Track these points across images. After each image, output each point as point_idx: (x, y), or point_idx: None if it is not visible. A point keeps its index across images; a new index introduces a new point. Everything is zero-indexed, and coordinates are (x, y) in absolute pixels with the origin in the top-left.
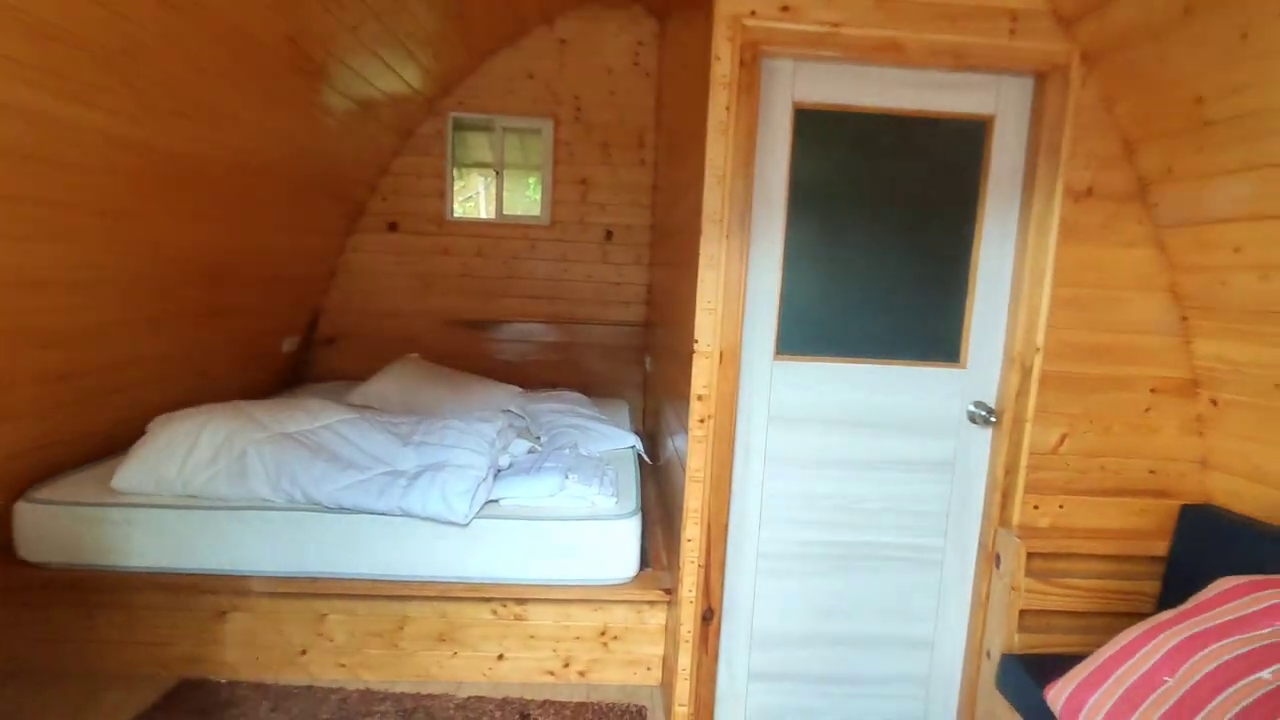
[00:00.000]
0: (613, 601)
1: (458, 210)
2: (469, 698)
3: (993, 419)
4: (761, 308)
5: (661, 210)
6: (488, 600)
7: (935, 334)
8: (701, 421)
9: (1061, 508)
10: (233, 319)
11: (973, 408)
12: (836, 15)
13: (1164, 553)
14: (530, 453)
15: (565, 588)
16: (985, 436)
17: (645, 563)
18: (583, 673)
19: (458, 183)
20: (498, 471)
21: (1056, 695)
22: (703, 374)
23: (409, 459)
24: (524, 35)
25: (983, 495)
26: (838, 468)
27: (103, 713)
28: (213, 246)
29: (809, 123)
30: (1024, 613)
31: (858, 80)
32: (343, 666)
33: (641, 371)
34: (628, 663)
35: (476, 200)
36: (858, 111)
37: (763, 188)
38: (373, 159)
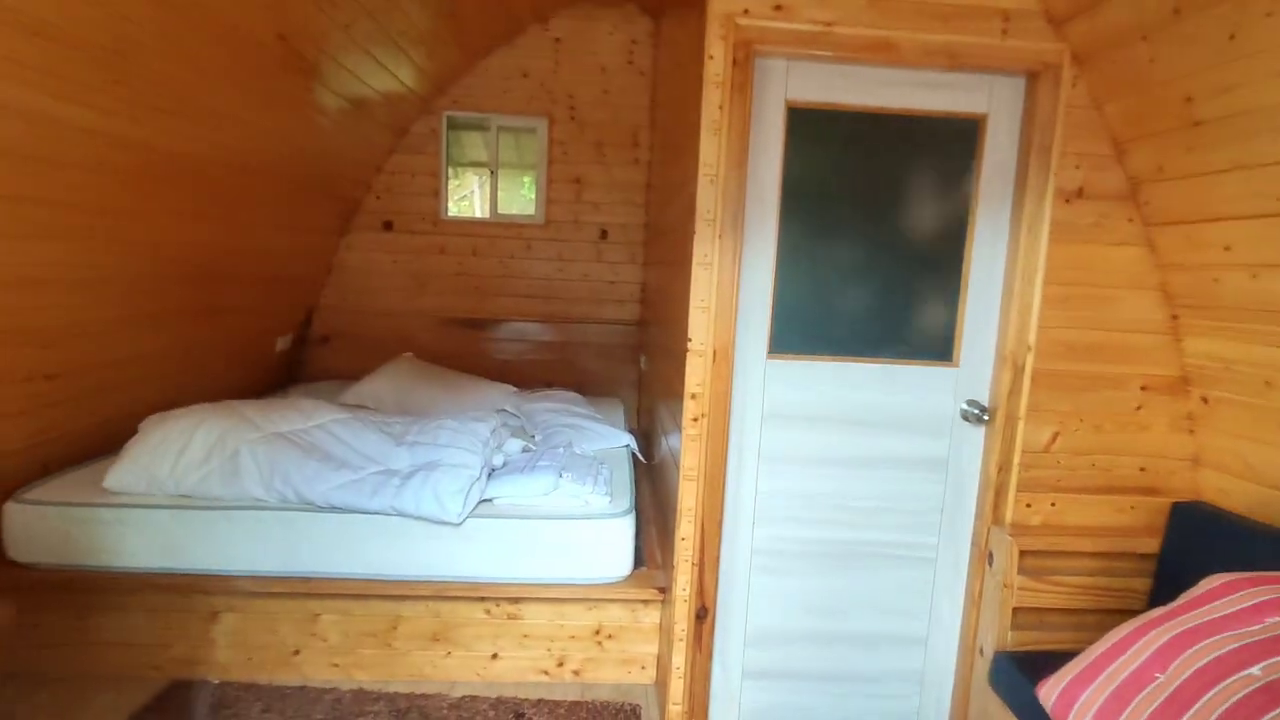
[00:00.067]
0: (607, 600)
1: (452, 209)
2: (463, 697)
3: (985, 417)
4: (755, 306)
5: (656, 209)
6: (481, 599)
7: (928, 333)
8: (695, 420)
9: (1053, 505)
10: (226, 318)
11: (965, 406)
12: (829, 14)
13: (1155, 550)
14: (524, 451)
15: (559, 587)
16: (978, 435)
17: (639, 561)
18: (577, 672)
19: (452, 182)
20: (492, 471)
21: (1048, 692)
22: (696, 373)
23: (402, 458)
24: (518, 34)
25: (975, 493)
26: (831, 466)
27: (94, 715)
28: (207, 245)
29: (802, 122)
30: (1016, 610)
31: (850, 79)
32: (336, 667)
33: (636, 370)
34: (622, 662)
35: (471, 199)
36: (850, 111)
37: (756, 187)
38: (368, 158)
